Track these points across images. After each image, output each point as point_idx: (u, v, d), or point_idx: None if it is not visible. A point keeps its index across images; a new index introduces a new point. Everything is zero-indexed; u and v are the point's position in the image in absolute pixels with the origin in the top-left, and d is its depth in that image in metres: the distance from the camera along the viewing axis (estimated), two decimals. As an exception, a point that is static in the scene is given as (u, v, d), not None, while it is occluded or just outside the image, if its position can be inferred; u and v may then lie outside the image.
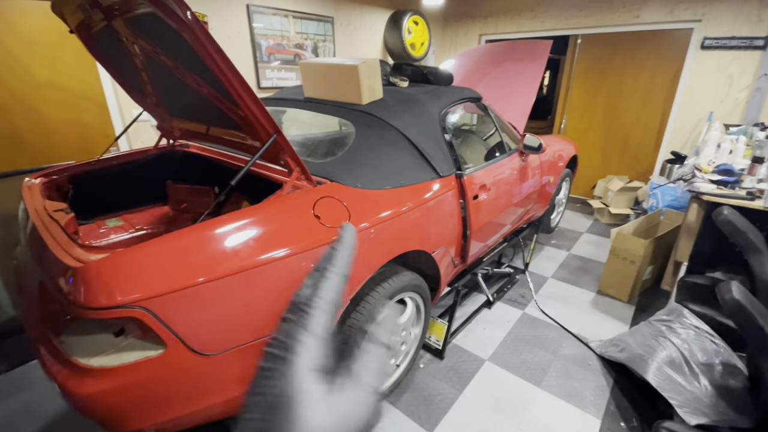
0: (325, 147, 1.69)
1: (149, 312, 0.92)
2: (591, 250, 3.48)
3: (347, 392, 0.27)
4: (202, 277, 0.98)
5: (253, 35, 3.47)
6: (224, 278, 1.00)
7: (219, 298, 1.00)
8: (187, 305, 0.96)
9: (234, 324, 1.04)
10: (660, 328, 2.09)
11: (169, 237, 1.03)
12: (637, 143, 4.49)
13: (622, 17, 4.17)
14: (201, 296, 0.98)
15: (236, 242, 1.06)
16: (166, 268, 0.97)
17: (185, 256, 1.00)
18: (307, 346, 0.26)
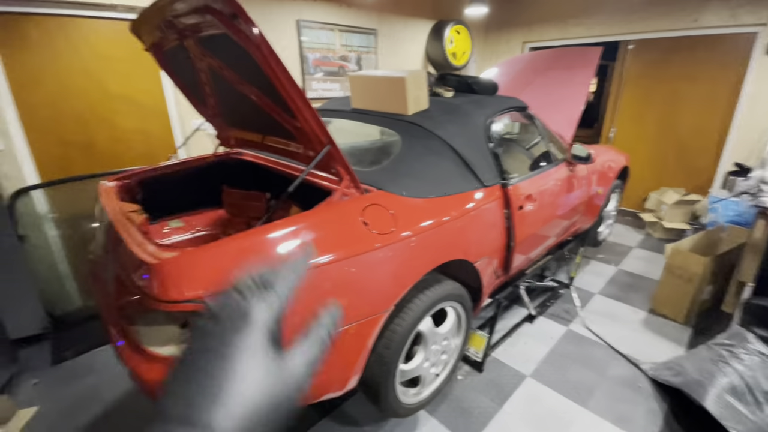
0: (371, 156, 1.75)
1: (212, 307, 0.99)
2: (642, 266, 3.29)
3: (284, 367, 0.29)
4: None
5: (302, 48, 3.63)
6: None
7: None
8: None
9: (288, 321, 1.10)
10: (721, 352, 1.95)
11: (231, 239, 1.11)
12: (694, 154, 4.21)
13: (679, 21, 3.96)
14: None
15: (293, 245, 1.12)
16: (228, 268, 1.05)
17: (245, 257, 1.07)
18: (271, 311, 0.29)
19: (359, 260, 1.19)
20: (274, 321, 0.29)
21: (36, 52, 2.45)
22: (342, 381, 1.32)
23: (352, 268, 1.18)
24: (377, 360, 1.38)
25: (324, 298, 1.13)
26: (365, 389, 1.49)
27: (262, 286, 0.30)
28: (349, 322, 1.20)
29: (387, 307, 1.30)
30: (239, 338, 0.27)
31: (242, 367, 0.26)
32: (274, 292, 0.30)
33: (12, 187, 2.32)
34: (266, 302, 0.29)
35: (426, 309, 1.48)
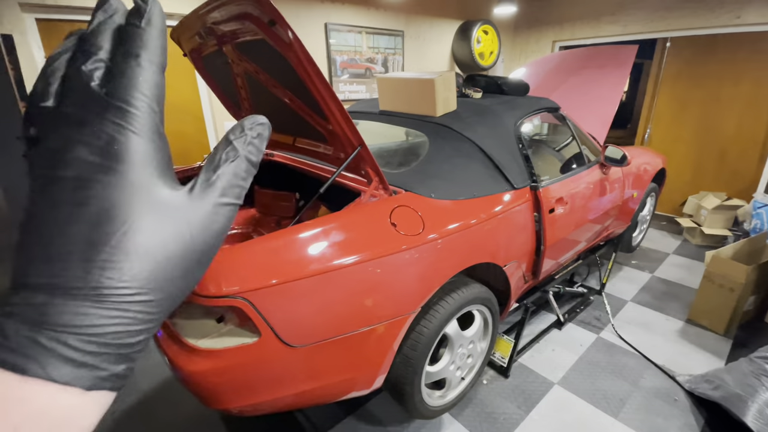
0: (399, 157, 1.76)
1: (249, 303, 1.03)
2: (679, 274, 3.15)
3: (201, 200, 0.23)
4: (294, 275, 1.07)
5: (329, 51, 3.69)
6: (312, 277, 1.09)
7: (307, 295, 1.09)
8: (280, 299, 1.06)
9: (318, 320, 1.13)
10: (763, 366, 1.84)
11: (265, 238, 1.14)
12: (737, 156, 3.99)
13: (720, 18, 3.76)
14: (292, 292, 1.08)
15: (323, 245, 1.14)
16: (263, 265, 1.08)
17: (280, 255, 1.10)
18: (139, 150, 0.21)
19: (387, 261, 1.21)
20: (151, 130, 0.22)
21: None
22: (368, 380, 1.34)
23: (379, 269, 1.19)
24: (403, 361, 1.39)
25: (352, 297, 1.15)
26: (391, 389, 1.50)
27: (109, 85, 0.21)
28: (377, 322, 1.22)
29: (414, 308, 1.30)
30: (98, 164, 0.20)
31: (121, 202, 0.20)
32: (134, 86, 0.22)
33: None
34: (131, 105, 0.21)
35: (453, 312, 1.48)
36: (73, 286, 0.19)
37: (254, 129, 0.25)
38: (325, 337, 1.15)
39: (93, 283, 0.19)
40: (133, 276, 0.20)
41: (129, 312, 0.20)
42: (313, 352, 1.14)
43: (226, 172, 0.24)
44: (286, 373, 1.14)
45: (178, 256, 0.21)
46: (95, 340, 0.19)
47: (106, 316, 0.19)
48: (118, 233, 0.20)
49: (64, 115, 0.20)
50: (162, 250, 0.21)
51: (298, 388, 1.20)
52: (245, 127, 0.25)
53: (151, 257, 0.20)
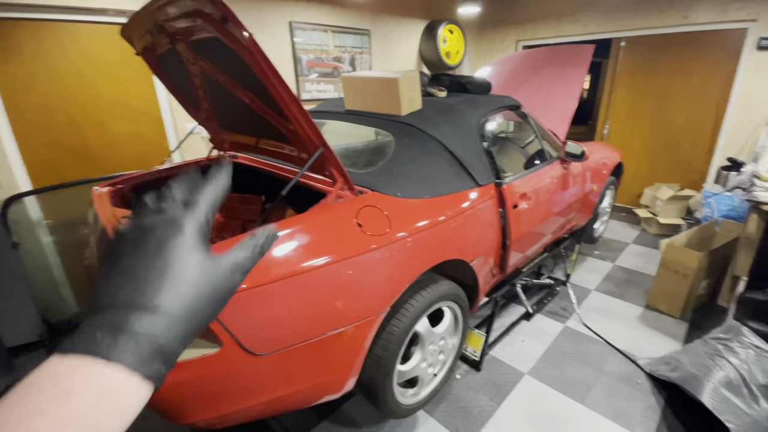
0: (365, 157, 1.75)
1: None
2: (638, 262, 3.31)
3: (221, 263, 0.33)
4: (256, 281, 1.04)
5: (295, 50, 3.63)
6: (276, 282, 1.06)
7: (271, 301, 1.06)
8: (242, 307, 1.03)
9: (283, 326, 1.10)
10: (717, 346, 1.96)
11: (224, 244, 1.10)
12: (688, 149, 4.24)
13: (670, 18, 3.98)
14: (255, 299, 1.04)
15: (286, 249, 1.12)
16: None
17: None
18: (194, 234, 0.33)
19: (354, 262, 1.19)
20: (200, 227, 0.33)
21: (27, 57, 2.43)
22: (339, 383, 1.32)
23: (347, 270, 1.18)
24: (374, 361, 1.38)
25: (319, 300, 1.13)
26: (363, 391, 1.49)
27: (184, 201, 0.34)
28: (346, 324, 1.20)
29: (383, 308, 1.30)
30: (168, 238, 0.31)
31: (177, 261, 0.31)
32: (197, 204, 0.34)
33: (4, 194, 2.30)
34: (191, 213, 0.33)
35: (422, 309, 1.48)
36: (146, 305, 0.29)
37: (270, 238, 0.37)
38: (292, 343, 1.12)
39: (158, 303, 0.29)
40: (180, 304, 0.30)
41: (174, 327, 0.29)
42: (280, 359, 1.11)
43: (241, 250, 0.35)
44: (253, 382, 1.11)
45: (207, 296, 0.32)
46: (154, 342, 0.28)
47: (162, 327, 0.29)
48: (177, 277, 0.30)
49: (160, 209, 0.33)
50: (198, 291, 0.31)
51: (266, 396, 1.17)
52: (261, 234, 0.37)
53: (192, 295, 0.31)
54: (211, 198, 0.35)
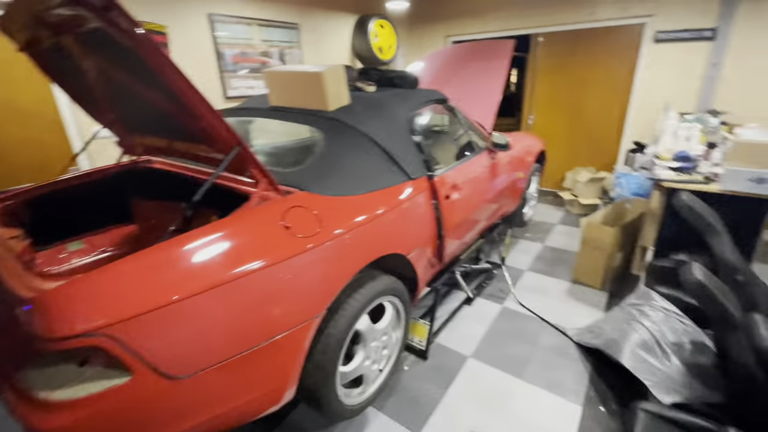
0: (293, 155, 1.68)
1: (111, 338, 0.89)
2: (564, 241, 3.58)
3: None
4: (168, 298, 0.95)
5: (217, 44, 3.40)
6: (192, 297, 0.97)
7: (188, 318, 0.97)
8: (153, 328, 0.93)
9: (206, 343, 1.01)
10: (631, 312, 2.17)
11: (130, 258, 0.99)
12: (601, 135, 4.66)
13: (579, 15, 4.33)
14: (169, 318, 0.95)
15: (203, 259, 1.03)
16: (128, 291, 0.94)
17: (149, 276, 0.96)
18: None
19: (282, 267, 1.14)
20: None
21: None
22: (276, 395, 1.26)
23: (275, 276, 1.12)
24: (315, 367, 1.34)
25: (245, 311, 1.06)
26: (305, 398, 1.44)
27: None
28: (279, 333, 1.14)
29: (318, 312, 1.25)
30: None
31: None
32: None
33: None
34: None
35: (362, 307, 1.46)
36: None
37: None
38: (218, 360, 1.04)
39: None
40: None
41: None
42: (206, 379, 1.03)
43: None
44: (175, 408, 1.01)
45: None
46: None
47: None
48: None
49: None
50: None
51: (193, 420, 1.07)
52: None
53: None
54: None
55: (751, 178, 2.25)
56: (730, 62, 3.70)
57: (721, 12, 3.60)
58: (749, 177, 2.25)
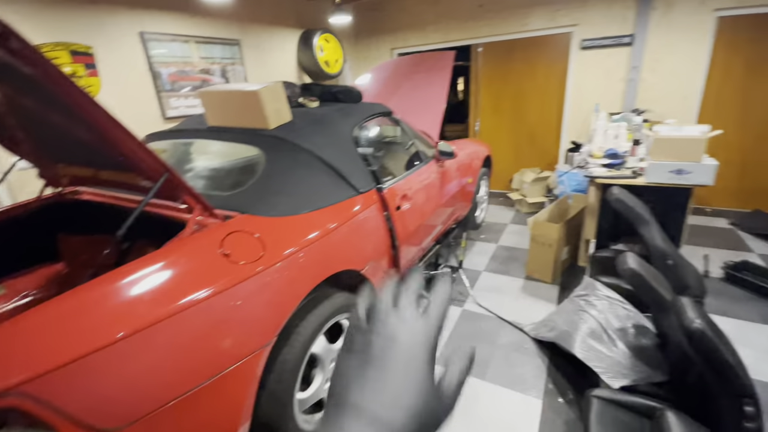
0: (233, 177, 1.62)
1: (29, 397, 0.79)
2: (516, 239, 3.73)
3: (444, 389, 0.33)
4: (93, 345, 0.86)
5: (151, 64, 3.25)
6: (120, 341, 0.89)
7: (117, 363, 0.89)
8: (78, 379, 0.84)
9: (141, 389, 0.93)
10: (580, 303, 2.28)
11: (50, 304, 0.90)
12: (542, 137, 4.94)
13: (513, 26, 4.59)
14: (95, 366, 0.87)
15: (131, 298, 0.95)
16: (46, 341, 0.84)
17: (70, 322, 0.88)
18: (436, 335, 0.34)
19: (223, 297, 1.08)
20: (434, 342, 0.33)
21: None
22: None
23: (216, 308, 1.06)
24: (269, 397, 1.28)
25: (184, 350, 1.00)
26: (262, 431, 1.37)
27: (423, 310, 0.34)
28: (224, 368, 1.08)
29: (268, 339, 1.20)
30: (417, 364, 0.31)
31: (420, 387, 0.30)
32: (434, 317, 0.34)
33: None
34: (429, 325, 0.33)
35: (317, 329, 1.42)
36: (385, 420, 0.28)
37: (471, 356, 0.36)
38: (157, 405, 0.96)
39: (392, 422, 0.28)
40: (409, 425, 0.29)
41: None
42: (143, 428, 0.94)
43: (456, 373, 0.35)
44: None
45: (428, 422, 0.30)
46: None
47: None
48: (414, 402, 0.30)
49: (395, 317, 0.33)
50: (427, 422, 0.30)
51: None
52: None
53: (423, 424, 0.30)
54: (444, 310, 0.35)
55: (671, 170, 2.47)
56: (647, 65, 4.07)
57: (637, 20, 3.97)
58: (670, 169, 2.47)
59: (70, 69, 2.84)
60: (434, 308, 0.35)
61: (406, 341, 0.32)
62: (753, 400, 1.16)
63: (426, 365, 0.32)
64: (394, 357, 0.31)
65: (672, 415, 1.13)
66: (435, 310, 0.35)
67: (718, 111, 3.93)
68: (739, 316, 2.44)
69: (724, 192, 4.10)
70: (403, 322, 0.33)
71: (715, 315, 2.45)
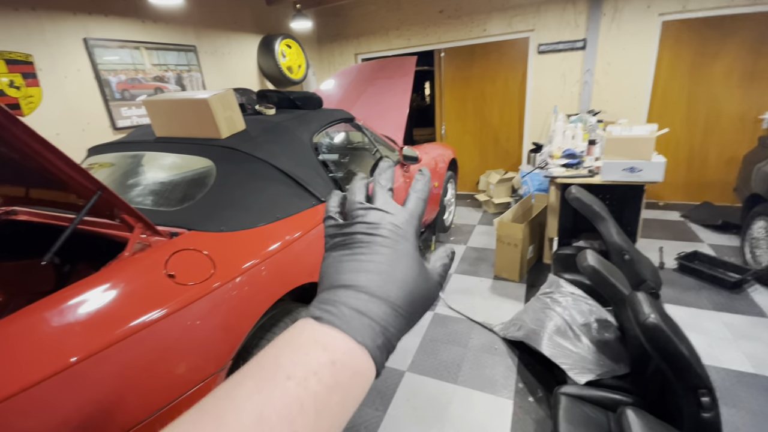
0: (182, 191, 1.52)
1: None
2: (484, 240, 3.79)
3: (433, 270, 0.36)
4: (21, 384, 0.77)
5: (98, 72, 3.06)
6: (53, 378, 0.80)
7: (49, 403, 0.80)
8: (3, 421, 0.75)
9: (77, 430, 0.84)
10: (545, 300, 2.32)
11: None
12: (505, 139, 5.06)
13: (473, 31, 4.69)
14: (24, 407, 0.77)
15: (64, 328, 0.87)
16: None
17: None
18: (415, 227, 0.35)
19: (167, 323, 0.99)
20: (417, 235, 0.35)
21: None
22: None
23: (158, 336, 0.98)
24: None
25: (122, 386, 0.91)
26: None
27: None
28: (170, 400, 1.00)
29: (221, 364, 1.13)
30: (400, 242, 0.32)
31: (408, 264, 0.32)
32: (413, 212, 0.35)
33: None
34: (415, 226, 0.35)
35: (277, 346, 1.36)
36: (386, 298, 0.30)
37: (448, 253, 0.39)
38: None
39: (394, 300, 0.30)
40: (407, 304, 0.31)
41: (400, 324, 0.30)
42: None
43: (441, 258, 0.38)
44: None
45: (423, 300, 0.33)
46: (388, 333, 0.29)
47: (394, 322, 0.30)
48: (407, 278, 0.32)
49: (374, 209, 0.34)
50: (419, 294, 0.32)
51: None
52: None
53: (415, 296, 0.32)
54: (422, 205, 0.36)
55: (624, 168, 2.57)
56: (600, 68, 4.26)
57: (589, 25, 4.14)
58: (623, 167, 2.57)
59: (6, 79, 2.63)
60: (412, 199, 0.36)
61: (388, 225, 0.33)
62: (708, 390, 1.20)
63: (412, 246, 0.33)
64: (380, 241, 0.32)
65: (631, 412, 1.15)
66: (413, 201, 0.36)
67: (666, 109, 4.16)
68: (692, 304, 2.56)
69: (674, 186, 4.34)
70: (382, 210, 0.34)
71: (670, 304, 2.57)
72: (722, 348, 2.16)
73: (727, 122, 3.97)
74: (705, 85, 3.95)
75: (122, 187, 1.63)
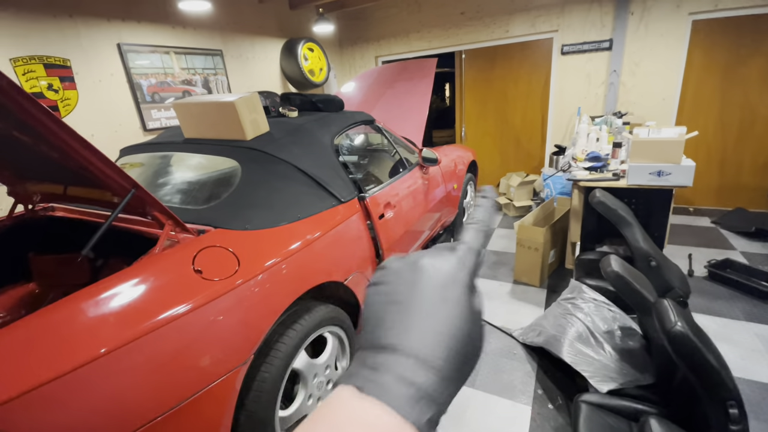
0: (209, 190, 1.58)
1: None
2: (504, 244, 3.74)
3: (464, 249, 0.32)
4: (56, 372, 0.82)
5: (130, 75, 3.20)
6: (87, 366, 0.85)
7: (84, 390, 0.85)
8: (39, 408, 0.80)
9: (108, 416, 0.89)
10: (567, 306, 2.28)
11: (12, 327, 0.86)
12: (527, 141, 4.99)
13: (495, 32, 4.65)
14: (59, 394, 0.82)
15: (98, 319, 0.91)
16: (9, 367, 0.80)
17: (29, 349, 0.83)
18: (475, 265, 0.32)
19: (195, 316, 1.04)
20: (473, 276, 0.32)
21: None
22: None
23: (186, 328, 1.02)
24: (248, 418, 1.23)
25: (152, 374, 0.95)
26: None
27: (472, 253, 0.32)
28: (195, 391, 1.03)
29: (244, 358, 1.16)
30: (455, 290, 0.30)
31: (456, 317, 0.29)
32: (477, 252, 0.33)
33: None
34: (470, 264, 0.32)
35: (297, 344, 1.39)
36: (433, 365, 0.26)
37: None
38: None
39: (441, 365, 0.27)
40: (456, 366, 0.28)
41: (450, 391, 0.27)
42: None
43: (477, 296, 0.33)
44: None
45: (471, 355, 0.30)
46: (439, 409, 0.26)
47: (443, 393, 0.26)
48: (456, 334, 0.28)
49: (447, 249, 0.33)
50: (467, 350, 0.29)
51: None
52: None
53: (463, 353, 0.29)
54: (482, 239, 0.34)
55: (651, 171, 2.50)
56: (627, 68, 4.15)
57: (615, 25, 4.04)
58: (650, 171, 2.50)
59: (45, 82, 2.78)
60: (470, 232, 0.34)
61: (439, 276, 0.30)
62: (737, 402, 1.15)
63: (464, 296, 0.30)
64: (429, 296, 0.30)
65: (655, 422, 1.12)
66: (471, 234, 0.33)
67: (696, 112, 4.01)
68: (723, 314, 2.46)
69: (705, 191, 4.18)
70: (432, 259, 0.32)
71: (700, 314, 2.47)
72: (754, 360, 2.07)
73: (763, 126, 3.79)
74: (739, 87, 3.79)
75: (152, 186, 1.70)
